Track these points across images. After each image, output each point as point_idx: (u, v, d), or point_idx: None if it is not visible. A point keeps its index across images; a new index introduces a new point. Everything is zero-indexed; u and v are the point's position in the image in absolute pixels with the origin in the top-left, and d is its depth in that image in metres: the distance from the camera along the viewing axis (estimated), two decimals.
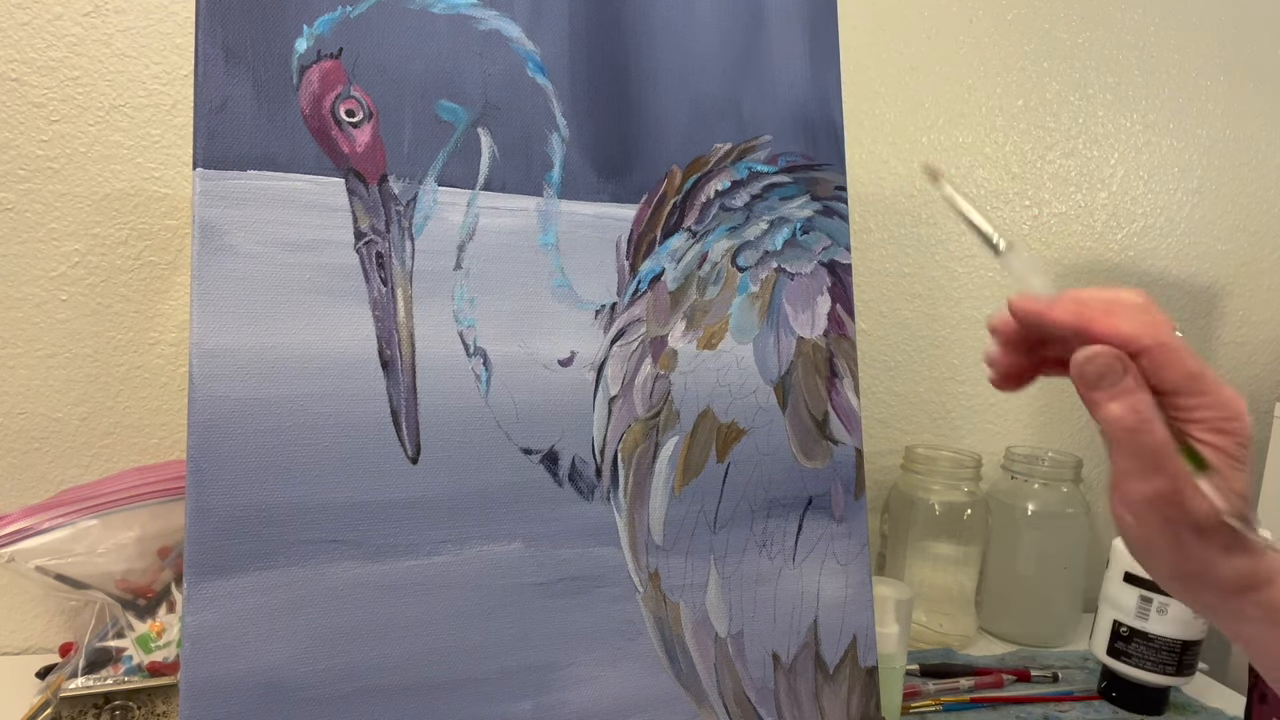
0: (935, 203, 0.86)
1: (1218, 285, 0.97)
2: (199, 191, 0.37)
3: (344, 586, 0.38)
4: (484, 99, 0.43)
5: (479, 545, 0.41)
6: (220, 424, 0.37)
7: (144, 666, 0.57)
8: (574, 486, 0.44)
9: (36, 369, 0.64)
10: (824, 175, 0.52)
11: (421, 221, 0.41)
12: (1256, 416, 1.09)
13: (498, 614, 0.41)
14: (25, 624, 0.66)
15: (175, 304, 0.66)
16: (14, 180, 0.62)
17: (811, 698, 0.47)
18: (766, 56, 0.50)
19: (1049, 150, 0.89)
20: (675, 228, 0.47)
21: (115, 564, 0.57)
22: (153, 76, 0.64)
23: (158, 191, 0.65)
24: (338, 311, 0.39)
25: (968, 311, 0.89)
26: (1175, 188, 0.93)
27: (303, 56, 0.39)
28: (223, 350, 0.37)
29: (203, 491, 0.36)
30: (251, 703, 0.36)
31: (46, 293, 0.63)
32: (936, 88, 0.85)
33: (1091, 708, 0.67)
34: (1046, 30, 0.87)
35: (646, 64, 0.47)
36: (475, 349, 0.42)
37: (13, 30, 0.61)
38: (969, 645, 0.78)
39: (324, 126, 0.39)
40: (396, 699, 0.39)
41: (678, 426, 0.46)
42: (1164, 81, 0.91)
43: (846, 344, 0.51)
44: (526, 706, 0.41)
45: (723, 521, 0.46)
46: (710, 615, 0.46)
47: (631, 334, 0.45)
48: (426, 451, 0.40)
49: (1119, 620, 0.66)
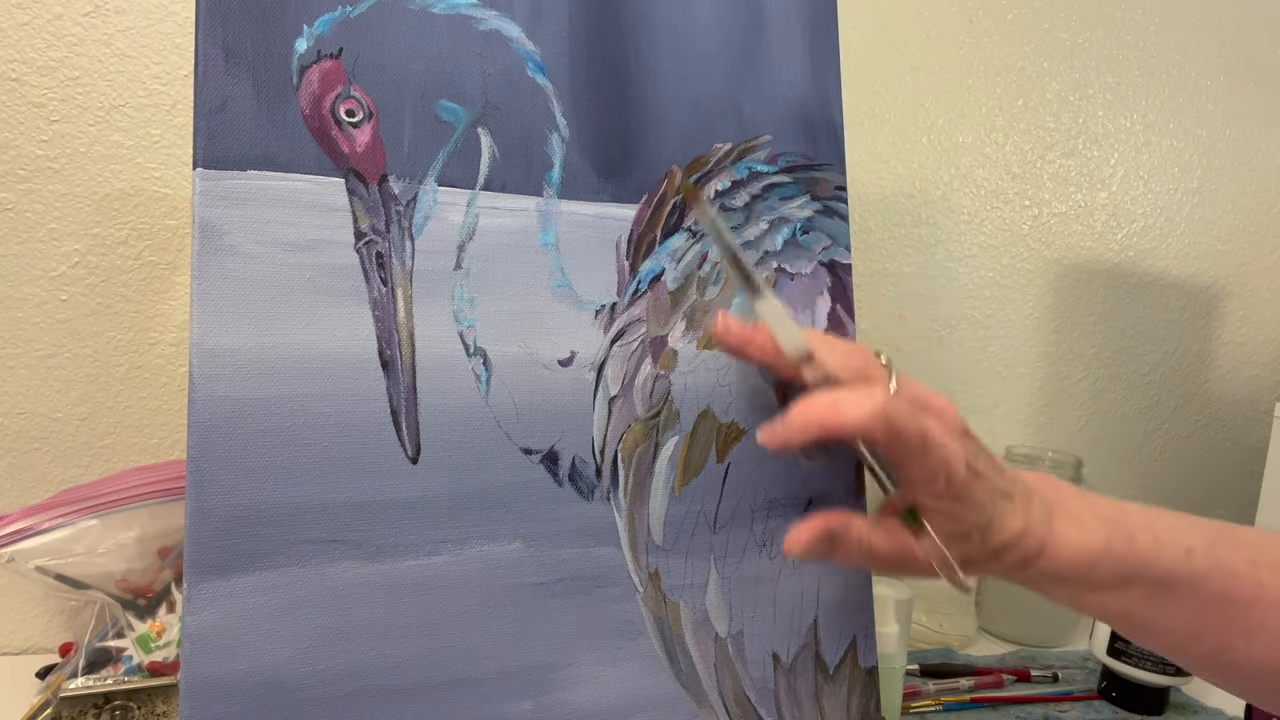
0: (935, 203, 0.86)
1: (1218, 285, 0.97)
2: (199, 191, 0.37)
3: (344, 586, 0.38)
4: (484, 99, 0.43)
5: (479, 545, 0.41)
6: (220, 424, 0.37)
7: (144, 666, 0.57)
8: (574, 486, 0.44)
9: (36, 369, 0.64)
10: (824, 175, 0.52)
11: (421, 221, 0.41)
12: (1256, 416, 1.09)
13: (498, 614, 0.41)
14: (25, 624, 0.66)
15: (175, 304, 0.66)
16: (14, 180, 0.62)
17: (811, 698, 0.47)
18: (766, 56, 0.50)
19: (1049, 150, 0.89)
20: (675, 228, 0.47)
21: (115, 564, 0.57)
22: (153, 76, 0.64)
23: (158, 191, 0.65)
24: (338, 311, 0.39)
25: (968, 311, 0.89)
26: (1175, 188, 0.93)
27: (303, 56, 0.39)
28: (223, 350, 0.37)
29: (203, 491, 0.36)
30: (251, 703, 0.36)
31: (46, 293, 0.63)
32: (936, 88, 0.85)
33: (1091, 708, 0.67)
34: (1046, 30, 0.87)
35: (646, 64, 0.47)
36: (475, 349, 0.42)
37: (13, 30, 0.61)
38: (969, 645, 0.78)
39: (324, 126, 0.39)
40: (396, 699, 0.39)
41: (678, 426, 0.46)
42: (1164, 81, 0.91)
43: None
44: (526, 706, 0.41)
45: (723, 521, 0.46)
46: (710, 615, 0.46)
47: (631, 334, 0.45)
48: (426, 451, 0.40)
49: None
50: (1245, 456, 1.00)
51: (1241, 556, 0.36)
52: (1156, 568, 0.35)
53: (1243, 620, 0.35)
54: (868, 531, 0.38)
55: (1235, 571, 0.35)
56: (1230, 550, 0.36)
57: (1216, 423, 0.99)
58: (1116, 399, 0.95)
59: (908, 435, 0.33)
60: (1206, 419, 0.99)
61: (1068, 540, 0.36)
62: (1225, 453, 1.00)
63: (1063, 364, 0.93)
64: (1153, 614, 0.36)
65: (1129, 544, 0.36)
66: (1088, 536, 0.36)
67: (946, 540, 0.36)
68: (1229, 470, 1.00)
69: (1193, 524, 0.37)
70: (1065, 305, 0.92)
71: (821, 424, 0.33)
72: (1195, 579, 0.35)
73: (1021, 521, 0.36)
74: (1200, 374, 0.98)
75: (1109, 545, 0.36)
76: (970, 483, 0.35)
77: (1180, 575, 0.35)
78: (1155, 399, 0.97)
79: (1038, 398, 0.92)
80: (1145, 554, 0.36)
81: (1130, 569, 0.36)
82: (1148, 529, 0.36)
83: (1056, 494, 0.38)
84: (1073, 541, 0.36)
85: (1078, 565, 0.36)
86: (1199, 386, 0.98)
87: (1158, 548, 0.36)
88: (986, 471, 0.36)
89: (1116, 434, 0.96)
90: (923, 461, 0.34)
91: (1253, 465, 0.96)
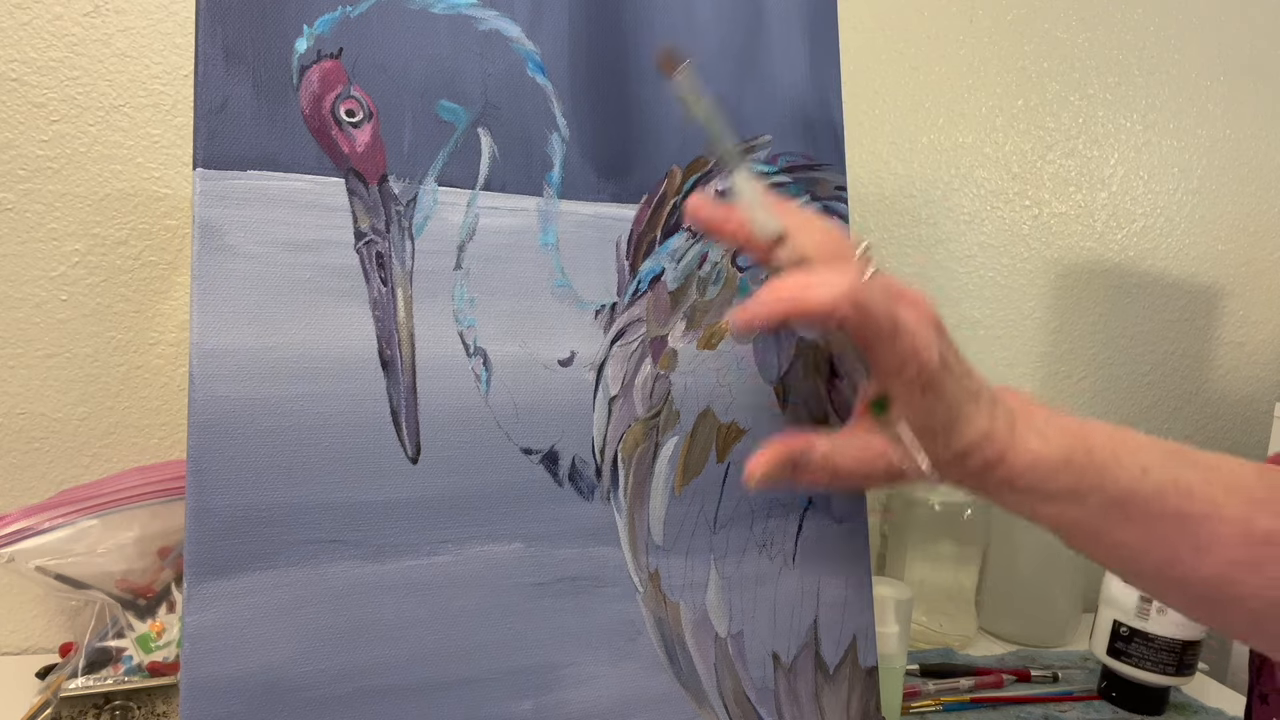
0: (935, 203, 0.86)
1: (1218, 285, 0.97)
2: (199, 191, 0.37)
3: (344, 586, 0.38)
4: (484, 99, 0.43)
5: (479, 545, 0.41)
6: (220, 424, 0.37)
7: (144, 666, 0.57)
8: (574, 486, 0.44)
9: (36, 369, 0.64)
10: (824, 175, 0.52)
11: (421, 221, 0.41)
12: (1256, 416, 1.09)
13: (498, 614, 0.41)
14: (25, 624, 0.66)
15: (175, 304, 0.66)
16: (14, 180, 0.62)
17: (811, 698, 0.47)
18: (766, 56, 0.50)
19: (1049, 150, 0.89)
20: (675, 228, 0.47)
21: (115, 564, 0.57)
22: (153, 76, 0.64)
23: (158, 191, 0.65)
24: (338, 311, 0.39)
25: (968, 311, 0.89)
26: (1175, 188, 0.93)
27: (303, 56, 0.39)
28: (223, 350, 0.37)
29: (203, 491, 0.36)
30: (251, 703, 0.36)
31: (46, 293, 0.63)
32: (936, 88, 0.85)
33: (1091, 708, 0.67)
34: (1046, 30, 0.87)
35: (646, 64, 0.47)
36: (475, 349, 0.42)
37: (13, 30, 0.61)
38: (969, 645, 0.78)
39: (324, 126, 0.39)
40: (396, 699, 0.39)
41: (678, 426, 0.46)
42: (1164, 81, 0.91)
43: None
44: (526, 706, 0.41)
45: (723, 521, 0.46)
46: (710, 615, 0.46)
47: (631, 334, 0.45)
48: (426, 451, 0.40)
49: (1119, 620, 0.66)
50: (1245, 456, 1.00)
51: (1197, 476, 0.36)
52: (1112, 484, 0.36)
53: (1193, 536, 0.36)
54: (830, 449, 0.37)
55: (1190, 490, 0.36)
56: (1186, 469, 0.37)
57: (1216, 423, 0.99)
58: (1116, 399, 0.95)
59: (878, 318, 0.33)
60: (1206, 419, 0.99)
61: (1028, 447, 0.36)
62: (1225, 453, 1.00)
63: (1063, 364, 0.93)
64: (1105, 527, 0.37)
65: (1087, 456, 0.36)
66: (1048, 446, 0.36)
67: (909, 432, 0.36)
68: None
69: (1152, 442, 0.38)
70: (1065, 305, 0.92)
71: (791, 303, 0.32)
72: (1150, 496, 0.36)
73: (986, 424, 0.36)
74: (1200, 374, 0.98)
75: (1068, 456, 0.36)
76: (940, 375, 0.35)
77: (1135, 491, 0.36)
78: (1155, 399, 0.97)
79: (1038, 397, 0.92)
80: (1102, 468, 0.36)
81: (1087, 483, 0.36)
82: (1107, 445, 0.37)
83: (1021, 404, 0.38)
84: (1033, 448, 0.36)
85: (1036, 474, 0.36)
86: (1199, 386, 0.98)
87: (1115, 463, 0.36)
88: (956, 368, 0.36)
89: None
90: (893, 346, 0.34)
91: None
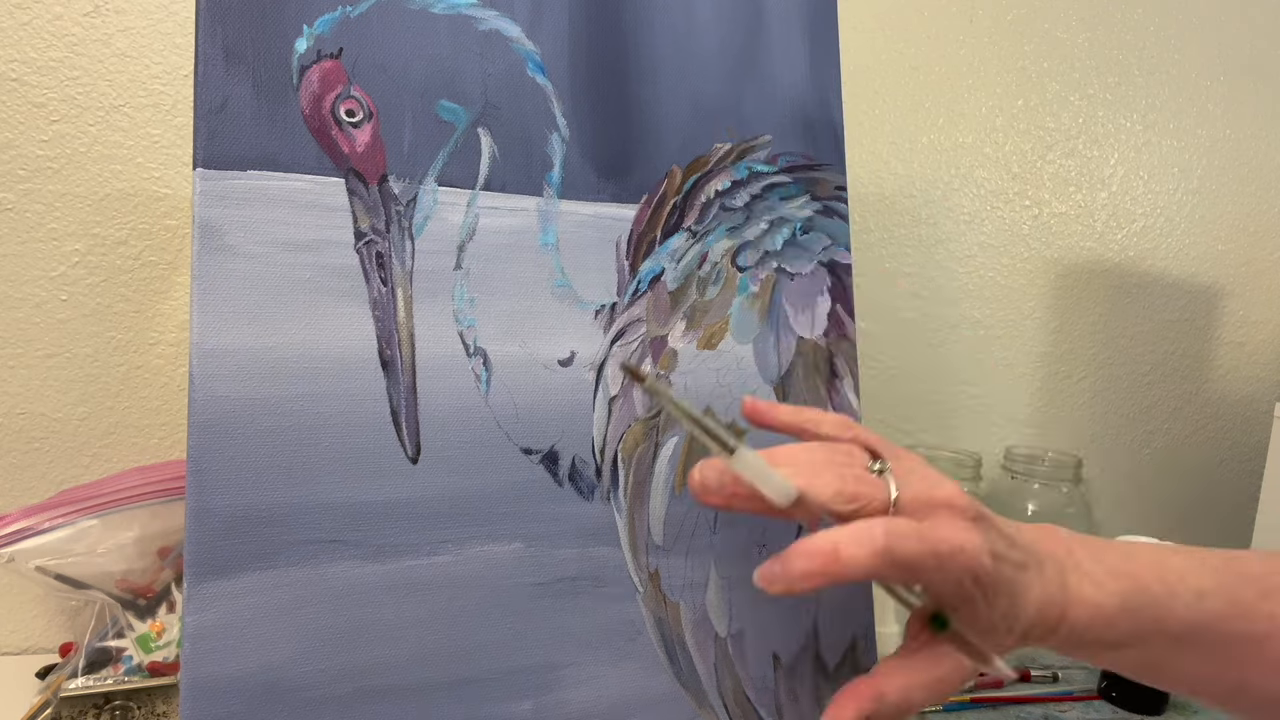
0: (935, 203, 0.86)
1: (1218, 285, 0.97)
2: (199, 191, 0.37)
3: (344, 586, 0.38)
4: (484, 99, 0.43)
5: (479, 545, 0.41)
6: (220, 424, 0.37)
7: (144, 666, 0.57)
8: (574, 486, 0.44)
9: (36, 369, 0.64)
10: (824, 175, 0.52)
11: (421, 221, 0.41)
12: (1256, 416, 1.09)
13: (498, 614, 0.41)
14: (25, 624, 0.66)
15: (175, 304, 0.66)
16: (14, 180, 0.62)
17: (811, 698, 0.47)
18: (766, 56, 0.50)
19: (1049, 150, 0.89)
20: (675, 228, 0.47)
21: (115, 564, 0.57)
22: (153, 76, 0.64)
23: (158, 191, 0.65)
24: (338, 311, 0.39)
25: (968, 311, 0.89)
26: (1175, 188, 0.93)
27: (303, 56, 0.39)
28: (223, 350, 0.37)
29: (203, 491, 0.36)
30: (251, 703, 0.36)
31: (46, 293, 0.63)
32: (936, 88, 0.85)
33: (1091, 708, 0.67)
34: (1046, 30, 0.87)
35: (646, 64, 0.47)
36: (475, 349, 0.42)
37: (13, 30, 0.61)
38: None
39: (324, 126, 0.39)
40: (396, 699, 0.39)
41: (678, 427, 0.46)
42: (1164, 81, 0.91)
43: (846, 344, 0.51)
44: (526, 706, 0.41)
45: (723, 521, 0.46)
46: (710, 615, 0.46)
47: (631, 334, 0.45)
48: (426, 451, 0.40)
49: None
50: (1245, 456, 1.00)
51: (1251, 590, 0.35)
52: (1171, 619, 0.35)
53: (1257, 656, 0.35)
54: (899, 682, 0.35)
55: (1248, 608, 0.35)
56: (1240, 585, 0.35)
57: (1216, 423, 0.99)
58: (1116, 399, 0.95)
59: (918, 559, 0.32)
60: (1206, 419, 0.99)
61: (1084, 599, 0.35)
62: (1225, 453, 1.00)
63: (1063, 364, 0.93)
64: (1171, 663, 0.36)
65: (1142, 596, 0.35)
66: (1102, 593, 0.35)
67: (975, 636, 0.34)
68: (1229, 470, 1.00)
69: (1200, 562, 0.36)
70: (1065, 305, 0.92)
71: (824, 571, 0.31)
72: (1210, 623, 0.35)
73: (1040, 591, 0.35)
74: (1200, 374, 0.98)
75: (1123, 603, 0.35)
76: (995, 570, 0.33)
77: (1195, 622, 0.35)
78: (1155, 399, 0.97)
79: (1038, 398, 0.92)
80: (1157, 604, 0.35)
81: (1147, 625, 0.35)
82: (1158, 576, 0.35)
83: (1066, 550, 0.36)
84: (1089, 599, 0.35)
85: (1097, 627, 0.35)
86: (1199, 386, 0.98)
87: (1170, 596, 0.35)
88: (1006, 552, 0.34)
89: (1116, 434, 0.96)
90: (943, 573, 0.32)
91: (1253, 465, 0.96)
